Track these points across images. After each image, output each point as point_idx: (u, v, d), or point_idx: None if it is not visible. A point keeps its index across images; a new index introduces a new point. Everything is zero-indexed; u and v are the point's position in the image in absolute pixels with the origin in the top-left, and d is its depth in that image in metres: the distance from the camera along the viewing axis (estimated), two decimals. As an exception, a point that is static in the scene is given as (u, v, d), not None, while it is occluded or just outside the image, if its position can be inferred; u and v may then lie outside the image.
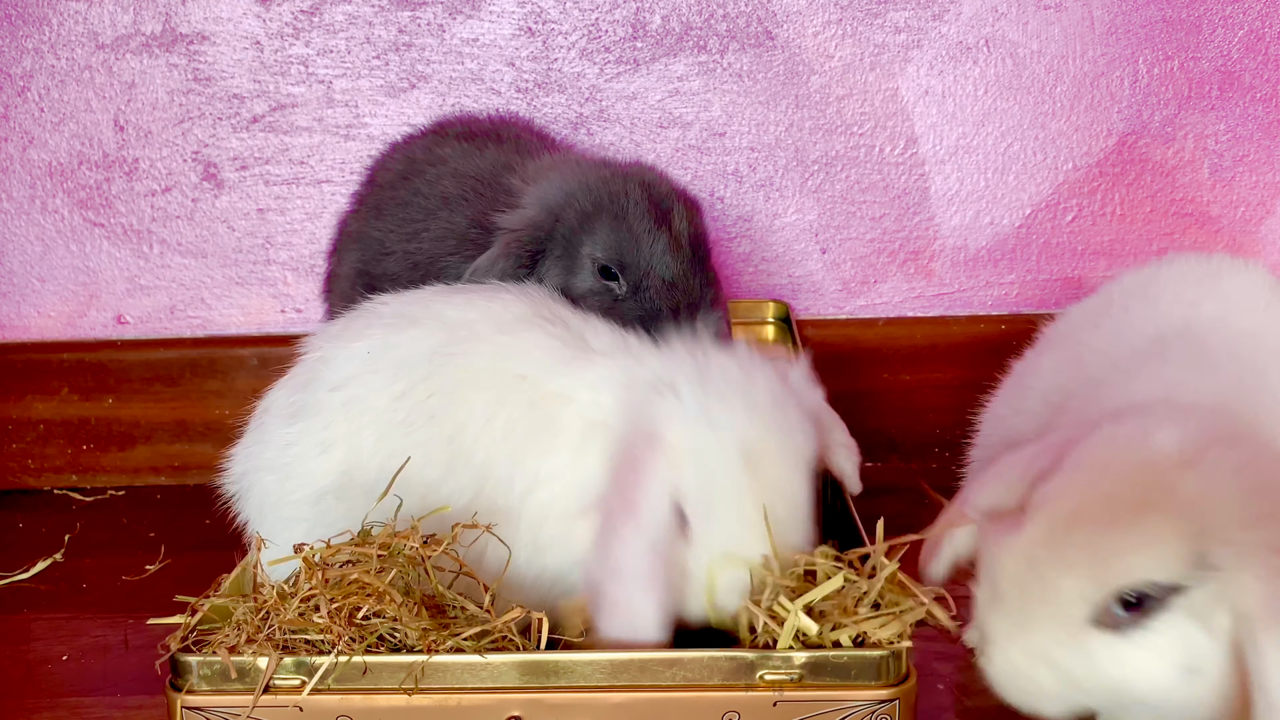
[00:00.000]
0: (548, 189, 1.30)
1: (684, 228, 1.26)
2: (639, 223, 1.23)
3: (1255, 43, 1.76)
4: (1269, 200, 1.82)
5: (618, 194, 1.26)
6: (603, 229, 1.24)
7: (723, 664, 0.95)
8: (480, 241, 1.31)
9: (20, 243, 1.83)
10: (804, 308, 1.86)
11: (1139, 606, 0.85)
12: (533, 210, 1.29)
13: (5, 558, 1.57)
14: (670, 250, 1.24)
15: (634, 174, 1.30)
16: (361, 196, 1.57)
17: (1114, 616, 0.86)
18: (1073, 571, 0.86)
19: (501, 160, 1.42)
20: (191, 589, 1.06)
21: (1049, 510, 0.90)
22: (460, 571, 1.05)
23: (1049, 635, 0.87)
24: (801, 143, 1.80)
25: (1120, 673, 0.87)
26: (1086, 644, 0.86)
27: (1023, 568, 0.89)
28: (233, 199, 1.82)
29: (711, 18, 1.76)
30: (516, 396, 1.13)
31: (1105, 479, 0.89)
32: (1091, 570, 0.85)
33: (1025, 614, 0.88)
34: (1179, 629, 0.85)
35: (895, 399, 1.83)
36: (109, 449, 1.85)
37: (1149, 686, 0.87)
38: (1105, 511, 0.86)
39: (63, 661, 1.32)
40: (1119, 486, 0.87)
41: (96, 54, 1.76)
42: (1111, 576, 0.85)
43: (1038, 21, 1.76)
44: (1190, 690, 0.86)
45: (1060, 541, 0.88)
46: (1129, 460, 0.89)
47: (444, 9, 1.75)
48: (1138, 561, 0.85)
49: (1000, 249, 1.84)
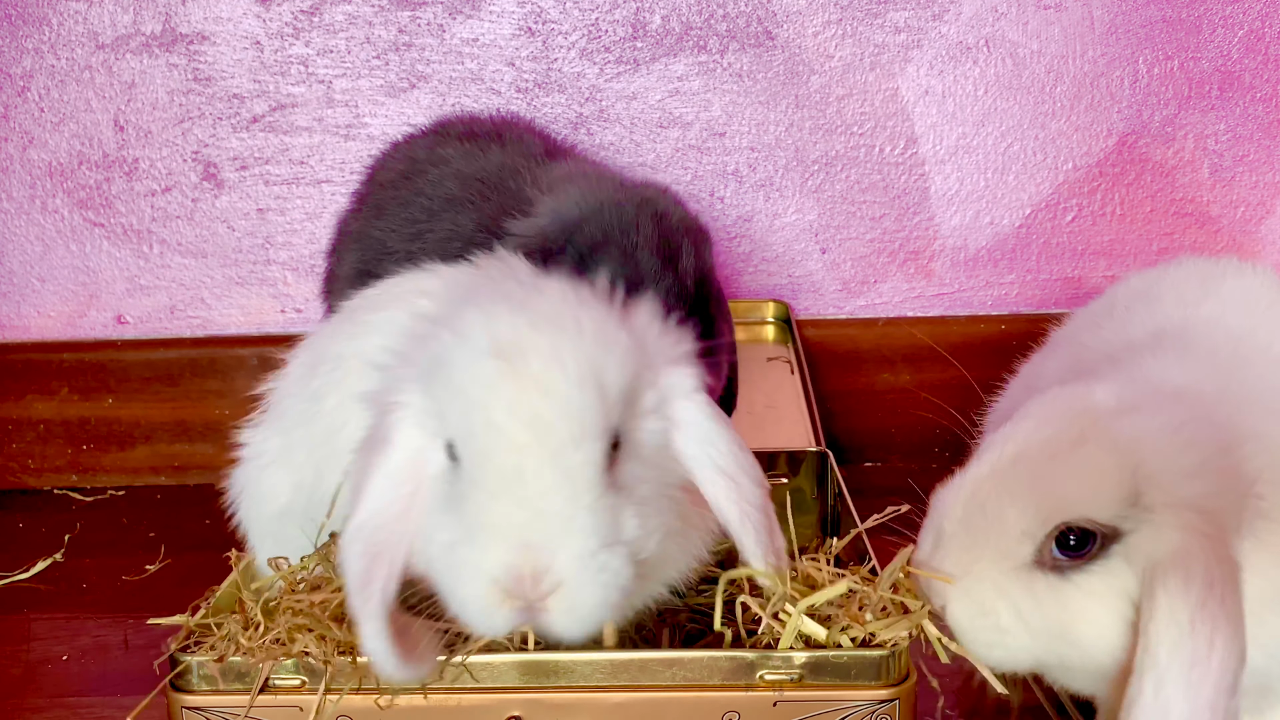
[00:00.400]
0: (563, 203, 1.30)
1: (690, 265, 1.25)
2: (647, 261, 1.23)
3: (1255, 43, 1.76)
4: (1269, 200, 1.82)
5: (629, 227, 1.25)
6: (611, 261, 1.23)
7: (723, 664, 0.95)
8: (485, 245, 1.31)
9: (20, 243, 1.83)
10: (804, 308, 1.87)
11: (1079, 552, 0.87)
12: (546, 220, 1.28)
13: (5, 558, 1.57)
14: (674, 293, 1.23)
15: (648, 201, 1.29)
16: (362, 196, 1.57)
17: (1055, 559, 0.87)
18: (1016, 505, 0.88)
19: (507, 163, 1.42)
20: (191, 589, 1.06)
21: (992, 452, 0.92)
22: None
23: (998, 568, 0.89)
24: (801, 143, 1.80)
25: (1064, 616, 0.88)
26: (1031, 583, 0.88)
27: (967, 505, 0.91)
28: (233, 199, 1.82)
29: (711, 18, 1.76)
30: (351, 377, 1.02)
31: (1047, 424, 0.91)
32: (1034, 504, 0.87)
33: (973, 551, 0.90)
34: (1117, 575, 0.86)
35: (895, 399, 1.83)
36: (109, 449, 1.85)
37: (1093, 633, 0.87)
38: (1045, 449, 0.89)
39: (62, 661, 1.32)
40: (1059, 428, 0.90)
41: (96, 54, 1.76)
42: (1053, 510, 0.87)
43: (1038, 21, 1.76)
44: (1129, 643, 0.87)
45: (1003, 477, 0.90)
46: (1069, 408, 0.92)
47: (444, 9, 1.75)
48: (1077, 493, 0.86)
49: (1000, 249, 1.84)
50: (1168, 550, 0.84)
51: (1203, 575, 0.82)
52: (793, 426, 1.52)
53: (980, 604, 0.89)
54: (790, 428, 1.52)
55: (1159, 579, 0.83)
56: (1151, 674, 0.81)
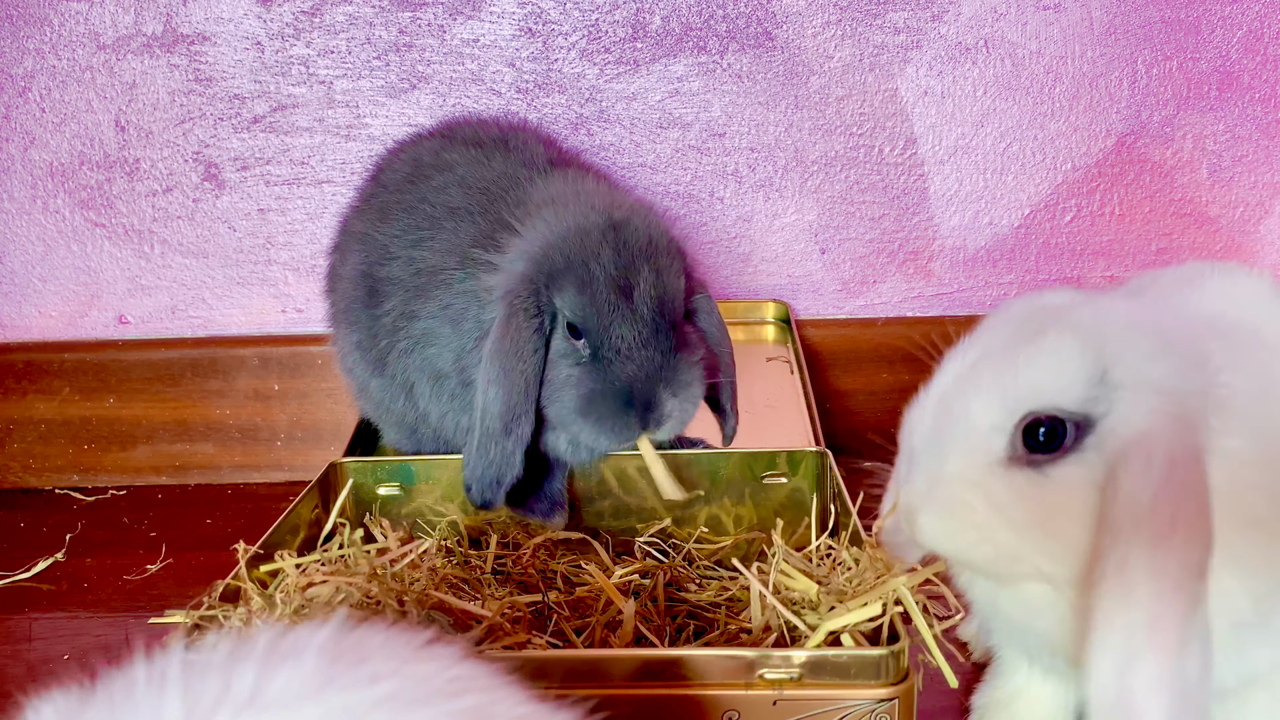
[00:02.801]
0: (533, 239, 1.27)
1: (649, 293, 1.21)
2: (601, 292, 1.20)
3: (1254, 43, 1.77)
4: (1268, 200, 1.83)
5: (589, 255, 1.22)
6: (569, 291, 1.21)
7: (722, 663, 0.95)
8: (482, 261, 1.31)
9: (22, 243, 1.84)
10: (804, 308, 1.87)
11: (1052, 446, 0.84)
12: (521, 264, 1.26)
13: (6, 557, 1.58)
14: (629, 323, 1.20)
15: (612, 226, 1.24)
16: (367, 196, 1.57)
17: (1029, 454, 0.85)
18: (980, 399, 0.86)
19: (508, 173, 1.41)
20: (192, 588, 1.06)
21: (954, 361, 0.92)
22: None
23: (969, 465, 0.86)
24: (801, 143, 1.81)
25: (1042, 509, 0.84)
26: (1009, 478, 0.85)
27: (935, 414, 0.90)
28: (234, 199, 1.82)
29: (711, 18, 1.76)
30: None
31: (1005, 325, 0.90)
32: (998, 395, 0.85)
33: (943, 454, 0.88)
34: (1090, 466, 0.83)
35: (894, 399, 1.83)
36: (110, 449, 1.85)
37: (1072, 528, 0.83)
38: (1008, 344, 0.87)
39: (64, 661, 1.32)
40: (1018, 325, 0.89)
41: (98, 54, 1.77)
42: (1019, 399, 0.85)
43: (1037, 22, 1.76)
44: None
45: (967, 377, 0.89)
46: (1026, 308, 0.91)
47: (444, 9, 1.75)
48: (1041, 378, 0.84)
49: (999, 249, 1.85)
50: (1129, 432, 0.81)
51: (1164, 455, 0.79)
52: (792, 426, 1.52)
53: (952, 502, 0.86)
54: (790, 427, 1.52)
55: (1120, 463, 0.81)
56: (1114, 556, 0.77)
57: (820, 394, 1.82)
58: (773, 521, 1.31)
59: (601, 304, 1.19)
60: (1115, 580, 0.76)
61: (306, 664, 0.53)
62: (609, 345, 1.19)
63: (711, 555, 1.30)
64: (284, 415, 1.84)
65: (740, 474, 1.32)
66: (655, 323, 1.21)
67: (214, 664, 0.53)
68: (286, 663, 0.53)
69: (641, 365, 1.19)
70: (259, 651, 0.54)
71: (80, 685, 0.56)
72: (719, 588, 1.21)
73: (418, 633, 0.60)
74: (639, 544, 1.30)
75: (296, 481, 1.82)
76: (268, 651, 0.54)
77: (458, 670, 0.58)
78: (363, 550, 1.23)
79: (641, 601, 1.15)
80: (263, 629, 0.57)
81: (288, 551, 1.18)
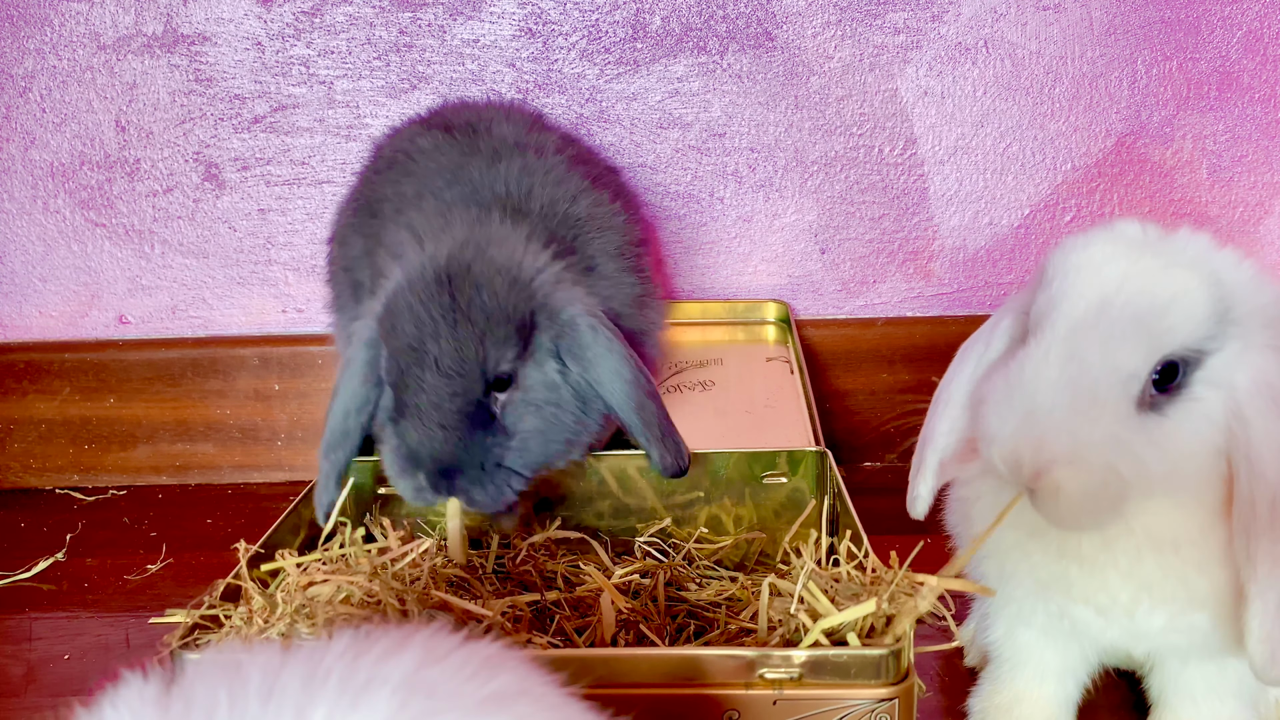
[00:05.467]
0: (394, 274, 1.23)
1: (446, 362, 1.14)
2: (403, 355, 1.16)
3: (1253, 43, 1.77)
4: (1267, 200, 1.83)
5: (406, 305, 1.17)
6: (386, 344, 1.19)
7: (723, 662, 0.95)
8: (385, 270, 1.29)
9: (22, 243, 1.84)
10: (804, 308, 1.87)
11: (1167, 386, 0.84)
12: (377, 304, 1.23)
13: (7, 557, 1.58)
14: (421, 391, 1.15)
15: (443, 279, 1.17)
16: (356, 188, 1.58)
17: (1153, 396, 0.84)
18: (1125, 346, 0.83)
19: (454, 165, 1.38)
20: (193, 588, 1.06)
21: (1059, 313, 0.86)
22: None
23: (1111, 418, 0.83)
24: (801, 143, 1.81)
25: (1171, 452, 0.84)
26: (1144, 426, 0.84)
27: (1064, 367, 0.84)
28: (234, 199, 1.82)
29: (711, 19, 1.76)
30: None
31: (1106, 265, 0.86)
32: (1144, 340, 0.83)
33: (1078, 409, 0.83)
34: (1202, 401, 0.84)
35: (894, 399, 1.83)
36: (110, 448, 1.85)
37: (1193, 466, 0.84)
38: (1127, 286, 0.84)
39: (64, 660, 1.32)
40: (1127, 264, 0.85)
41: (98, 55, 1.77)
42: (1159, 343, 0.83)
43: (1036, 22, 1.76)
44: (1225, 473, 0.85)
45: (1096, 325, 0.84)
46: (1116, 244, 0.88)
47: (444, 10, 1.75)
48: (1180, 319, 0.83)
49: (999, 249, 1.85)
50: (1250, 371, 0.82)
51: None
52: (792, 426, 1.52)
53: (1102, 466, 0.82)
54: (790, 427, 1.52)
55: (1246, 402, 0.81)
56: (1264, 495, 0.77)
57: (820, 394, 1.82)
58: (773, 521, 1.31)
59: (403, 366, 1.17)
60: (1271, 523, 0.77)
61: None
62: (407, 407, 1.17)
63: (711, 555, 1.30)
64: (284, 415, 1.84)
65: (740, 474, 1.32)
66: (451, 392, 1.15)
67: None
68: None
69: (425, 436, 1.15)
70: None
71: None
72: (719, 587, 1.21)
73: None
74: (639, 544, 1.30)
75: (297, 481, 1.82)
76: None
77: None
78: (363, 550, 1.23)
79: (641, 601, 1.15)
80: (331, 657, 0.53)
81: (288, 551, 1.18)
